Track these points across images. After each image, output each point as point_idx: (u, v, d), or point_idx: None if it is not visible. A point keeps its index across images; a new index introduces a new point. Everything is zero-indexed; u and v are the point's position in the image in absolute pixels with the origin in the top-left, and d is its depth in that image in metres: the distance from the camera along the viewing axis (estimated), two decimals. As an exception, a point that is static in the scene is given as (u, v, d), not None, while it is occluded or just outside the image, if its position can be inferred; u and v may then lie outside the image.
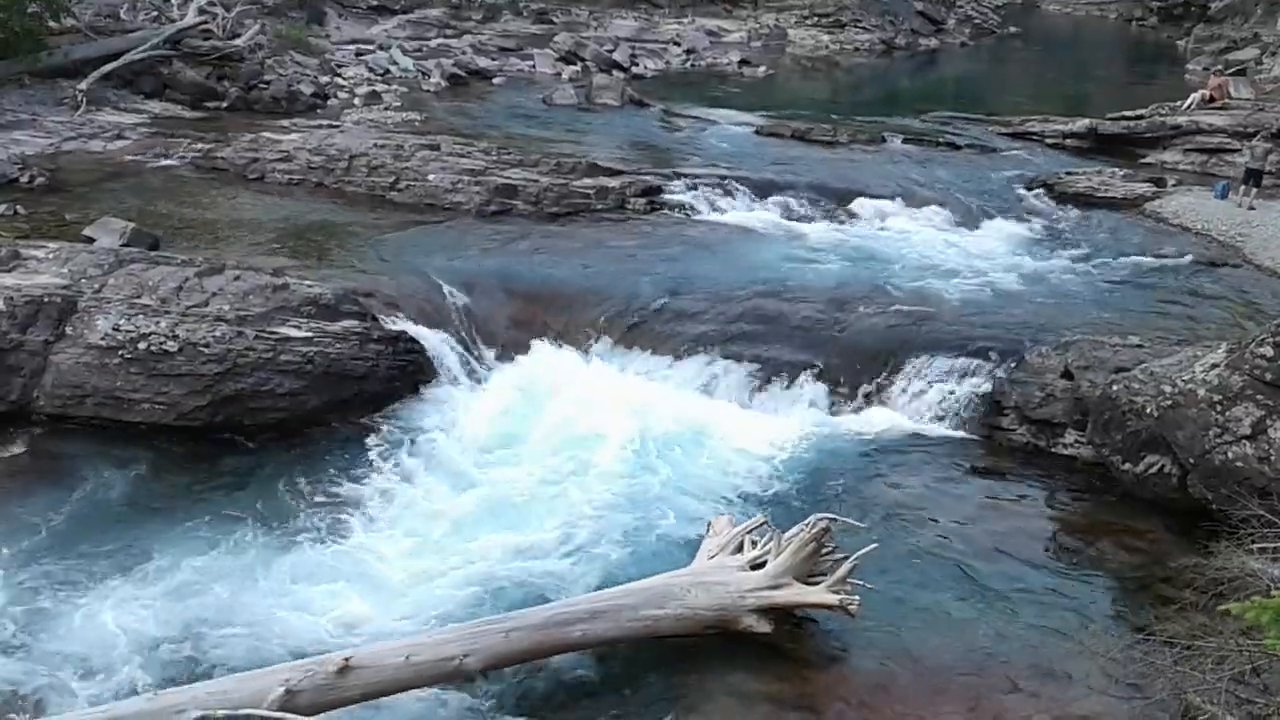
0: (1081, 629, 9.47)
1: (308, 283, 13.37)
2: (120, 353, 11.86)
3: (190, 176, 18.83)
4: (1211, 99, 26.33)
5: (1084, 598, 10.01)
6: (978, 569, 10.41)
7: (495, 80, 31.15)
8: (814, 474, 12.01)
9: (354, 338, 12.84)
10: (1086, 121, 26.31)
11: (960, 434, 13.11)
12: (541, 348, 14.27)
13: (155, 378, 11.86)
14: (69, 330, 12.02)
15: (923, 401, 13.43)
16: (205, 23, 25.49)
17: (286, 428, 12.19)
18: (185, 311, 12.30)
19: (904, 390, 13.60)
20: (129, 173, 18.67)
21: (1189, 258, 17.91)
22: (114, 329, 11.96)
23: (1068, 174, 22.53)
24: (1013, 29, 56.71)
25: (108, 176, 18.32)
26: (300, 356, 12.36)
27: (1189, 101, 26.32)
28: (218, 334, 12.14)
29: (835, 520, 9.67)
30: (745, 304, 14.96)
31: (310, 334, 12.58)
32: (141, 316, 12.13)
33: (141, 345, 11.89)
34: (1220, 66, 35.80)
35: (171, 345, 11.93)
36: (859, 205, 19.94)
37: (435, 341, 13.71)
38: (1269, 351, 10.87)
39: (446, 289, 14.65)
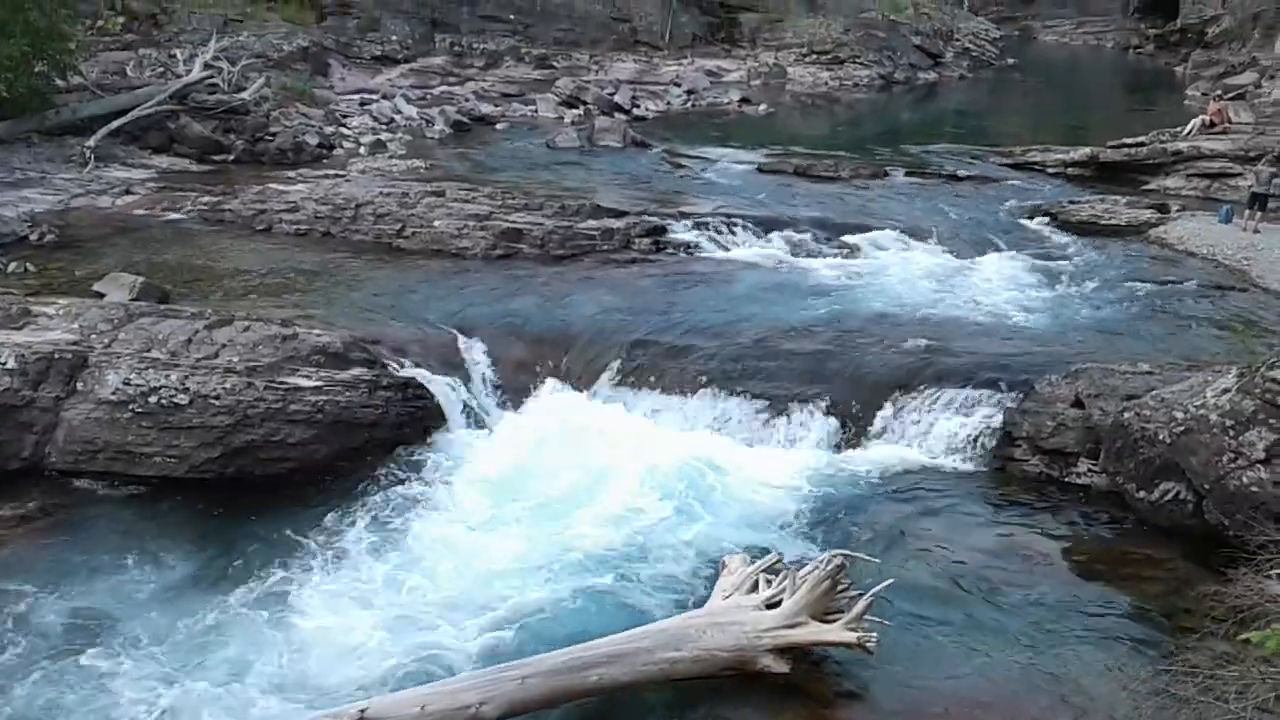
0: (1102, 660, 9.38)
1: (316, 332, 13.43)
2: (131, 407, 11.89)
3: (199, 229, 18.96)
4: (1212, 124, 26.44)
5: (1103, 629, 9.90)
6: (994, 602, 10.33)
7: (499, 126, 31.44)
8: (827, 510, 11.95)
9: (363, 385, 12.88)
10: (1088, 150, 26.45)
11: (972, 466, 13.06)
12: (550, 390, 14.29)
13: (166, 431, 11.88)
14: (80, 386, 12.06)
15: (933, 434, 13.37)
16: (211, 77, 25.81)
17: (297, 477, 12.18)
18: (195, 364, 12.35)
19: (914, 423, 13.54)
20: (137, 227, 18.79)
21: (1195, 282, 17.90)
22: (124, 383, 12.00)
23: (1071, 203, 22.62)
24: (1010, 60, 57.17)
25: (116, 232, 18.44)
26: (310, 406, 12.39)
27: (1189, 127, 26.42)
28: (228, 385, 12.17)
29: (850, 556, 9.62)
30: (752, 340, 14.97)
31: (320, 383, 12.62)
32: (152, 370, 12.17)
33: (152, 399, 11.92)
34: (1219, 92, 35.94)
35: (182, 398, 11.97)
36: (863, 239, 20.01)
37: (444, 387, 13.72)
38: (1280, 375, 10.83)
39: (454, 334, 14.70)
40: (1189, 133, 26.14)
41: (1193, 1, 65.99)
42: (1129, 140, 26.21)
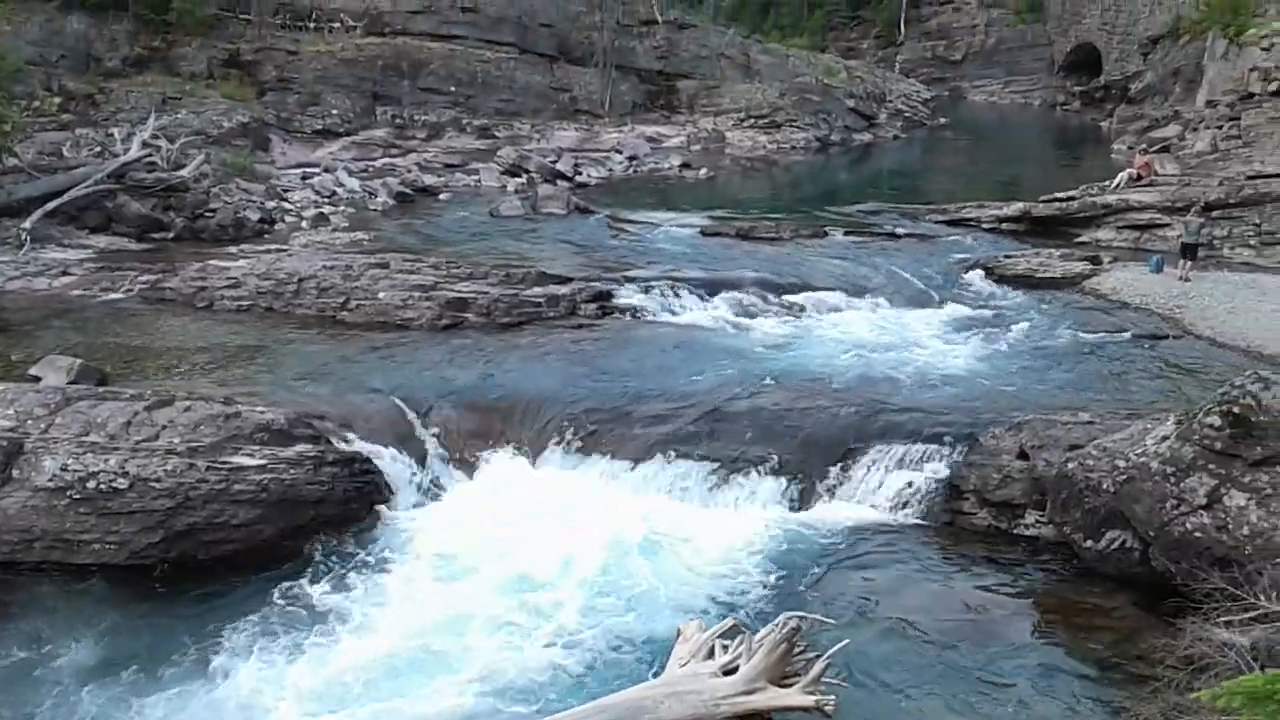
0: (1058, 714, 9.39)
1: (260, 409, 13.24)
2: (69, 493, 11.60)
3: (138, 308, 18.72)
4: (1139, 177, 27.24)
5: (1059, 681, 9.93)
6: (950, 658, 10.32)
7: (442, 196, 31.51)
8: (781, 571, 11.92)
9: (308, 462, 12.69)
10: (1020, 205, 27.04)
11: (923, 520, 13.13)
12: (499, 459, 14.21)
13: (106, 517, 11.59)
14: (15, 473, 11.75)
15: (883, 490, 13.46)
16: (149, 155, 25.61)
17: (242, 559, 11.91)
18: (135, 446, 12.10)
19: (863, 480, 13.63)
20: (75, 309, 18.52)
21: (1130, 332, 18.31)
22: (62, 469, 11.71)
23: (1007, 257, 23.08)
24: (942, 120, 58.68)
25: (54, 314, 18.15)
26: (254, 485, 12.17)
27: (1117, 180, 27.18)
28: (169, 468, 11.93)
29: (805, 619, 9.58)
30: (701, 402, 15.01)
31: (264, 461, 12.42)
32: (90, 455, 11.91)
33: (90, 484, 11.64)
34: (1145, 145, 37.11)
35: (122, 482, 11.70)
36: (806, 298, 20.28)
37: (391, 460, 13.59)
38: (1216, 421, 11.05)
39: (400, 406, 14.58)
40: (1117, 186, 26.88)
41: (1115, 59, 68.35)
42: (1060, 195, 26.86)
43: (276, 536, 12.22)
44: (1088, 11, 72.91)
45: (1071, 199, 26.45)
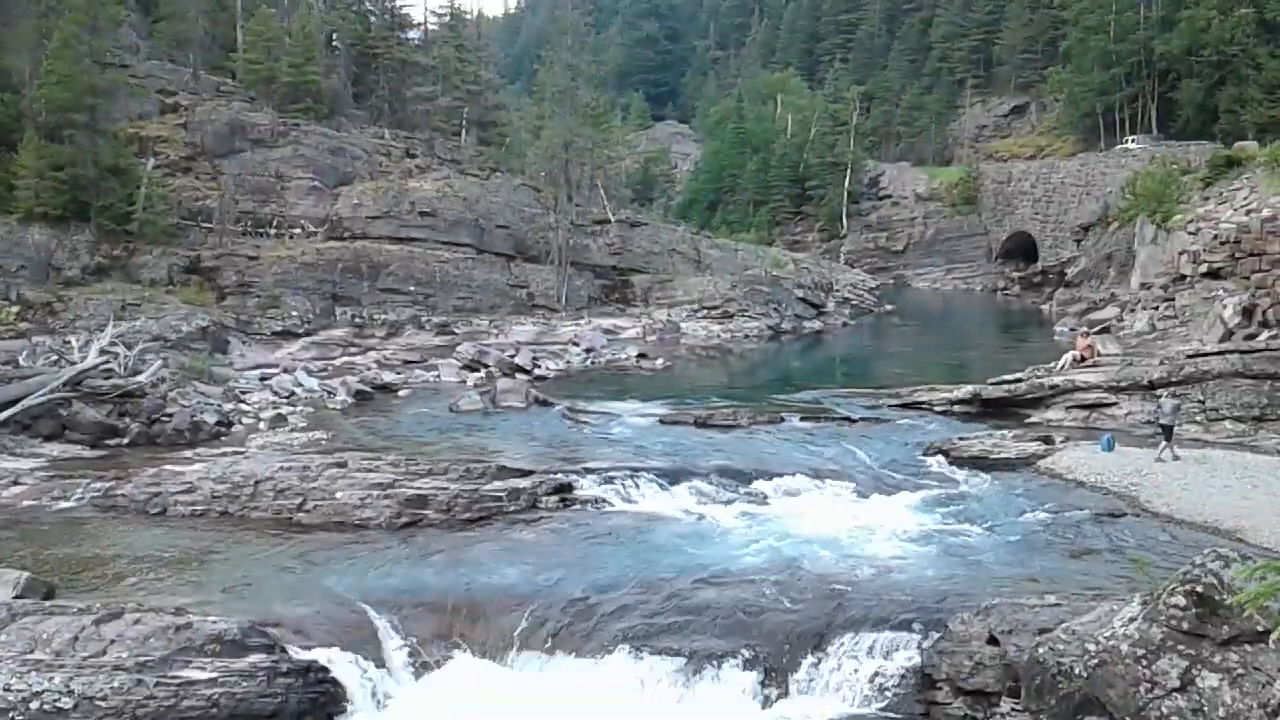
0: None
1: (212, 619, 12.87)
2: (11, 715, 11.10)
3: (89, 517, 18.37)
4: (1083, 358, 28.03)
5: None
6: None
7: (401, 392, 31.66)
8: (755, 773, 11.52)
9: (261, 673, 12.26)
10: (970, 388, 27.62)
11: (896, 714, 12.80)
12: (460, 663, 13.80)
13: (47, 740, 11.06)
14: (-47, 697, 11.24)
15: (854, 683, 13.16)
16: (106, 362, 25.66)
17: (189, 783, 11.36)
18: (81, 664, 11.67)
19: (835, 671, 13.34)
20: (24, 520, 18.14)
21: (1089, 511, 18.42)
22: (4, 690, 11.23)
23: (961, 439, 23.37)
24: (889, 306, 60.60)
25: (2, 525, 17.75)
26: (204, 700, 11.72)
27: (1062, 362, 27.93)
28: (115, 685, 11.48)
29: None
30: (666, 595, 14.79)
31: (215, 674, 12.00)
32: (34, 673, 11.46)
33: (34, 705, 11.16)
34: (1086, 327, 38.38)
35: (66, 702, 11.23)
36: (766, 485, 20.32)
37: (347, 668, 13.13)
38: (1181, 600, 11.04)
39: (358, 609, 14.22)
40: (1063, 367, 27.61)
41: (1049, 245, 71.54)
42: (1008, 377, 27.49)
43: (227, 755, 11.68)
44: (1020, 203, 76.93)
45: (1019, 381, 27.08)
